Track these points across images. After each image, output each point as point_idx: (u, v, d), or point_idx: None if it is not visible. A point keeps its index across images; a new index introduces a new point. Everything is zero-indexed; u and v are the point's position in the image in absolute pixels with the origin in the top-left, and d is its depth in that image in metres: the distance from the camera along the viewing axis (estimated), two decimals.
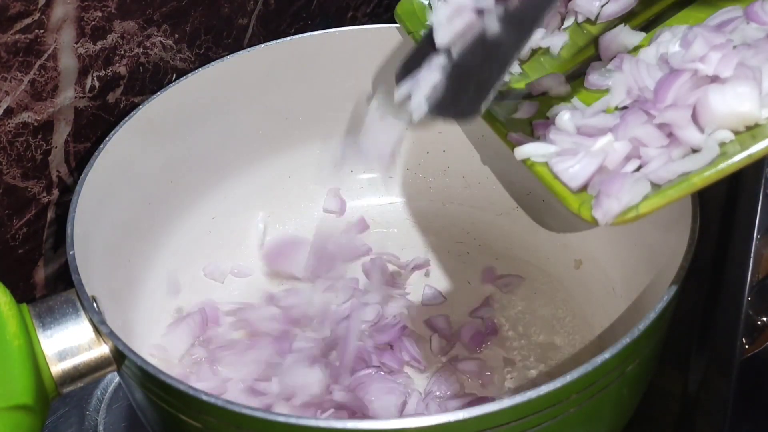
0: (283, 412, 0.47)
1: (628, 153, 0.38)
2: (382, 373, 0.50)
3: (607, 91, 0.43)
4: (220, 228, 0.60)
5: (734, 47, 0.37)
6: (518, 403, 0.34)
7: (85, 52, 0.50)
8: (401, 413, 0.47)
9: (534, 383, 0.50)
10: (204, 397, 0.35)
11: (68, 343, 0.40)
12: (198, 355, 0.52)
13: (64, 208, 0.53)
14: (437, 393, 0.49)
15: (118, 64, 0.53)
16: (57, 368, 0.40)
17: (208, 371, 0.51)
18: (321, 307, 0.55)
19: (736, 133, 0.36)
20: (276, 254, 0.60)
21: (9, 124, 0.47)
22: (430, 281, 0.58)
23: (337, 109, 0.60)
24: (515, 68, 0.50)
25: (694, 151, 0.36)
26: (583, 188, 0.38)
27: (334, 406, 0.48)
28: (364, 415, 0.48)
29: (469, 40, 0.40)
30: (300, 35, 0.57)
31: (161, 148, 0.54)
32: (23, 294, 0.54)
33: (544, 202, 0.60)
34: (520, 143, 0.41)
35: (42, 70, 0.48)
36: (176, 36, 0.57)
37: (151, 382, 0.38)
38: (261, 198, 0.61)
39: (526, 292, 0.57)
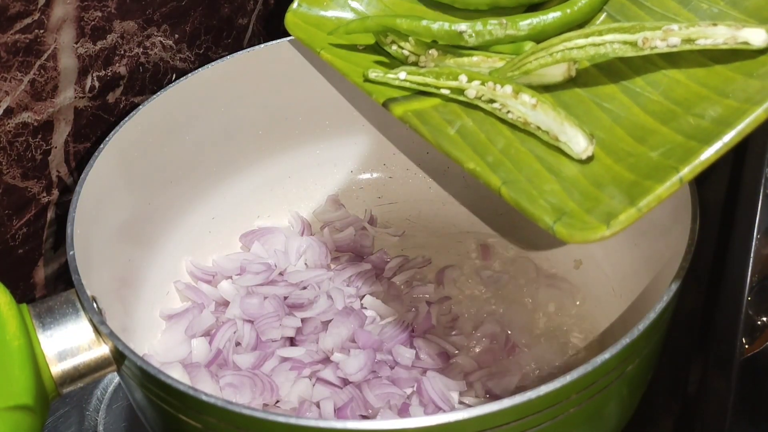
0: (283, 412, 0.48)
1: None
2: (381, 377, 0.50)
3: None
4: (220, 228, 0.60)
5: None
6: (518, 403, 0.34)
7: (85, 52, 0.50)
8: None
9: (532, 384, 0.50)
10: (204, 398, 0.35)
11: (68, 344, 0.40)
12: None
13: (64, 208, 0.53)
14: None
15: (118, 64, 0.53)
16: (57, 368, 0.40)
17: (207, 372, 0.51)
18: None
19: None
20: (252, 235, 0.60)
21: (9, 124, 0.48)
22: (429, 281, 0.58)
23: (337, 109, 0.60)
24: None
25: None
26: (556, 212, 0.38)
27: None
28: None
29: None
30: None
31: (161, 148, 0.54)
32: (23, 294, 0.54)
33: None
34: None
35: (42, 70, 0.48)
36: (176, 36, 0.57)
37: (151, 382, 0.38)
38: (261, 198, 0.61)
39: (526, 293, 0.57)
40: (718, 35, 0.39)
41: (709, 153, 0.36)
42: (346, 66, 0.51)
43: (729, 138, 0.35)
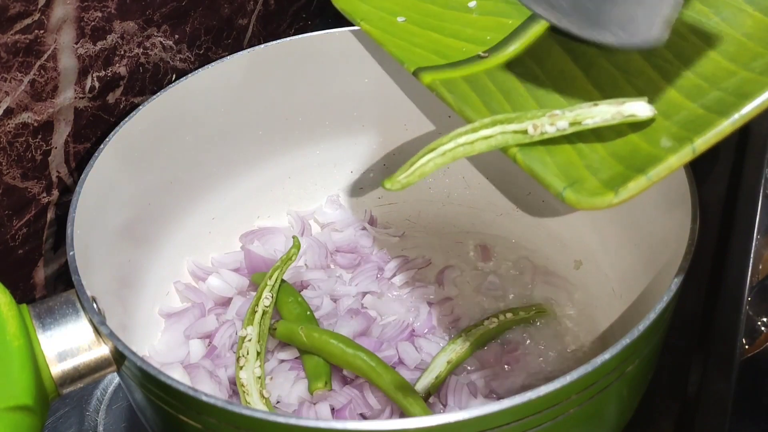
0: (283, 413, 0.48)
1: None
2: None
3: None
4: (220, 228, 0.60)
5: None
6: (518, 404, 0.34)
7: (85, 52, 0.50)
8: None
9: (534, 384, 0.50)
10: (204, 398, 0.35)
11: (68, 344, 0.40)
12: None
13: (64, 208, 0.53)
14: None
15: (118, 65, 0.53)
16: (57, 369, 0.40)
17: (207, 372, 0.51)
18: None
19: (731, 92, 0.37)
20: (252, 235, 0.60)
21: (9, 124, 0.47)
22: (430, 282, 0.58)
23: (337, 109, 0.60)
24: None
25: None
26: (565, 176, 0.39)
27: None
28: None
29: None
30: (300, 35, 0.57)
31: (161, 148, 0.54)
32: (23, 294, 0.54)
33: (544, 203, 0.60)
34: None
35: (42, 71, 0.48)
36: (176, 36, 0.57)
37: (151, 382, 0.38)
38: (261, 198, 0.61)
39: (526, 293, 0.56)
40: (603, 113, 0.39)
41: (725, 125, 0.36)
42: (383, 36, 0.53)
43: (747, 110, 0.35)
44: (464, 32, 0.53)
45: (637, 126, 0.40)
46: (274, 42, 0.57)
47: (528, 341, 0.53)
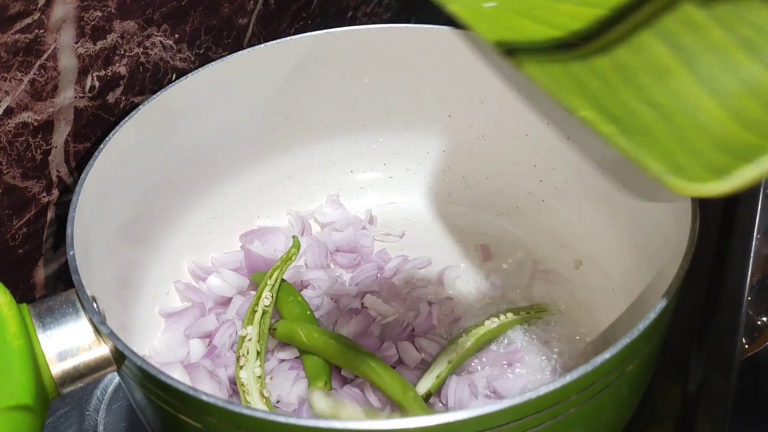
0: (283, 412, 0.48)
1: None
2: None
3: None
4: (220, 228, 0.60)
5: None
6: (518, 404, 0.34)
7: (85, 52, 0.50)
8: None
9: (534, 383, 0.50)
10: (204, 398, 0.35)
11: (68, 344, 0.40)
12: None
13: (64, 208, 0.53)
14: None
15: (118, 64, 0.53)
16: (57, 368, 0.40)
17: (207, 372, 0.51)
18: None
19: None
20: (252, 235, 0.60)
21: (9, 124, 0.47)
22: (430, 282, 0.58)
23: (337, 109, 0.60)
24: None
25: None
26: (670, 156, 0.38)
27: None
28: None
29: None
30: (300, 35, 0.57)
31: (161, 148, 0.54)
32: (23, 294, 0.54)
33: (543, 203, 0.60)
34: None
35: (42, 70, 0.48)
36: (176, 36, 0.57)
37: (151, 382, 0.38)
38: (261, 198, 0.62)
39: (527, 293, 0.56)
40: None
41: None
42: (470, 16, 0.51)
43: None
44: (555, 21, 0.51)
45: (744, 121, 0.39)
46: (274, 42, 0.57)
47: (528, 341, 0.53)
